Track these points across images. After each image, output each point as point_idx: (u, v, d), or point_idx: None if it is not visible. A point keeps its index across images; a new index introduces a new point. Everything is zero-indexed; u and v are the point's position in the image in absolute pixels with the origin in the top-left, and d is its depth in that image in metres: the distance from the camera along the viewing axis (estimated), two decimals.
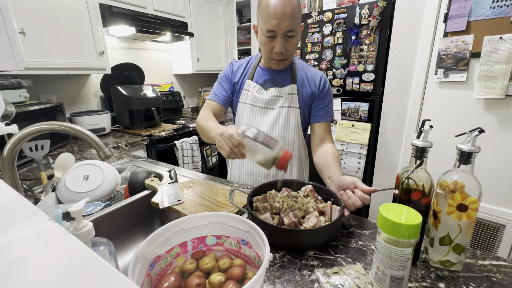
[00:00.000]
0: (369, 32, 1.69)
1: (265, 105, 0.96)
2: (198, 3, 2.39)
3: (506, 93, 1.33)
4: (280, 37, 0.82)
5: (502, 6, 1.28)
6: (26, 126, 0.64)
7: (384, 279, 0.46)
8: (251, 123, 0.97)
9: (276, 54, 0.86)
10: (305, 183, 0.77)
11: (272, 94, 0.95)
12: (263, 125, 0.97)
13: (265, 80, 0.97)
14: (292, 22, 0.80)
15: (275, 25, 0.79)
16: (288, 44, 0.85)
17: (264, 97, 0.96)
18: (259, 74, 0.99)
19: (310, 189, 0.74)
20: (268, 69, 0.98)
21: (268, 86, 0.97)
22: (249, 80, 0.98)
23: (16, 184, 0.70)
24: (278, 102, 0.95)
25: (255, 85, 0.97)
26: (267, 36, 0.83)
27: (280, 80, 0.96)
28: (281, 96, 0.95)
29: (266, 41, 0.85)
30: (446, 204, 0.50)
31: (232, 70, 1.02)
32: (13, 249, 0.22)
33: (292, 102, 0.95)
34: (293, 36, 0.83)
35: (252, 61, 1.03)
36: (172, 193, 0.78)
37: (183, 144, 1.93)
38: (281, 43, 0.83)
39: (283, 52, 0.85)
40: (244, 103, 0.99)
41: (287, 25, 0.79)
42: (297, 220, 0.60)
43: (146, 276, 0.41)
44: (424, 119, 0.52)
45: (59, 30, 1.52)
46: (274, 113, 0.96)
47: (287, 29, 0.80)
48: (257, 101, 0.97)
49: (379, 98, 1.80)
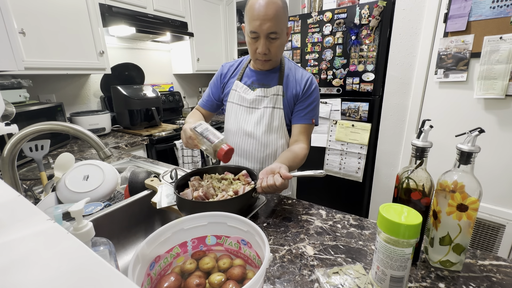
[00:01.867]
0: (369, 32, 1.69)
1: (250, 105, 0.99)
2: (198, 3, 2.39)
3: (506, 93, 1.33)
4: (263, 38, 0.84)
5: (502, 6, 1.28)
6: (26, 126, 0.64)
7: (384, 279, 0.46)
8: (237, 121, 1.02)
9: (260, 55, 0.88)
10: (242, 168, 0.84)
11: (257, 94, 0.98)
12: (248, 124, 1.00)
13: (252, 80, 1.00)
14: (275, 24, 0.82)
15: (257, 27, 0.82)
16: (272, 45, 0.87)
17: (250, 97, 0.99)
18: (247, 75, 1.02)
19: (243, 173, 0.81)
20: (256, 70, 1.00)
21: (255, 86, 0.99)
22: (237, 81, 1.02)
23: (16, 184, 0.70)
24: (263, 102, 0.98)
25: (242, 86, 1.01)
26: (251, 37, 0.86)
27: (267, 81, 0.99)
28: (266, 96, 0.97)
29: (250, 42, 0.88)
30: (446, 204, 0.50)
31: (222, 73, 1.07)
32: (13, 249, 0.22)
33: (276, 103, 0.97)
34: (277, 38, 0.85)
35: (243, 62, 1.06)
36: (171, 193, 0.78)
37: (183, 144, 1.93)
38: (264, 44, 0.85)
39: (267, 53, 0.87)
40: (231, 102, 1.03)
41: (269, 27, 0.81)
42: (204, 195, 0.69)
43: (146, 276, 0.41)
44: (424, 119, 0.52)
45: (59, 30, 1.52)
46: (259, 113, 0.98)
47: (269, 31, 0.82)
48: (243, 101, 1.00)
49: (379, 98, 1.80)
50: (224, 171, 0.86)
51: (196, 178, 0.80)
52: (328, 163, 2.06)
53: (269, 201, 0.83)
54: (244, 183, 0.78)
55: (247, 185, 0.77)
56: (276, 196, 0.86)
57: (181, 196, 0.67)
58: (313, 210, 0.77)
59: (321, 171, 0.68)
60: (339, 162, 2.01)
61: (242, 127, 1.01)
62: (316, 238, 0.65)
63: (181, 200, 0.67)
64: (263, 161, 1.03)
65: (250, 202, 0.72)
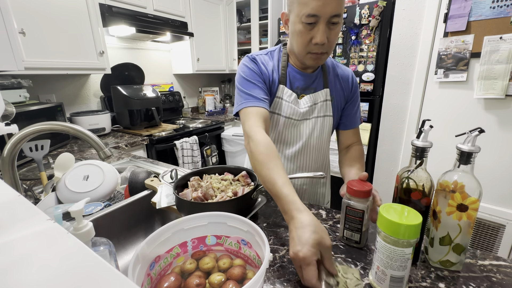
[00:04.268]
0: (369, 32, 1.69)
1: (301, 118, 0.82)
2: (198, 3, 2.39)
3: (506, 93, 1.33)
4: (323, 24, 0.66)
5: (502, 6, 1.28)
6: (26, 126, 0.64)
7: (384, 279, 0.46)
8: (284, 137, 0.84)
9: (316, 47, 0.69)
10: (241, 169, 0.81)
11: (307, 104, 0.81)
12: (298, 140, 0.84)
13: (298, 86, 0.82)
14: (339, 4, 0.65)
15: (319, 8, 0.63)
16: (331, 33, 0.69)
17: (302, 109, 0.81)
18: (293, 77, 0.82)
19: (243, 174, 0.79)
20: (299, 70, 0.82)
21: (300, 92, 0.82)
22: (282, 86, 0.80)
23: (16, 184, 0.70)
24: (314, 112, 0.82)
25: (291, 93, 0.80)
26: (305, 23, 0.66)
27: (313, 84, 0.82)
28: (316, 103, 0.82)
29: (303, 30, 0.68)
30: (446, 204, 0.50)
31: (261, 70, 0.80)
32: (13, 249, 0.22)
33: (326, 110, 0.84)
34: (338, 23, 0.68)
35: (275, 57, 0.83)
36: (171, 193, 0.78)
37: (183, 144, 1.93)
38: (324, 31, 0.67)
39: (325, 44, 0.69)
40: (278, 114, 0.82)
41: (334, 8, 0.64)
42: (203, 195, 0.68)
43: (146, 276, 0.41)
44: (424, 119, 0.52)
45: (59, 30, 1.52)
46: (310, 125, 0.83)
47: (333, 13, 0.64)
48: (294, 114, 0.81)
49: (379, 98, 1.80)
50: (223, 171, 0.86)
51: (195, 178, 0.80)
52: None
53: (269, 201, 0.83)
54: (244, 184, 0.78)
55: (247, 186, 0.77)
56: None
57: (180, 197, 0.67)
58: (313, 210, 0.77)
59: (321, 173, 0.68)
60: None
61: (288, 143, 0.86)
62: None
63: (180, 200, 0.67)
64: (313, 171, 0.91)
65: (249, 204, 0.71)
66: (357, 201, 0.57)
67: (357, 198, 0.57)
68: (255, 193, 0.71)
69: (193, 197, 0.69)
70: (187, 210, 0.66)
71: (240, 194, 0.70)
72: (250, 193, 0.69)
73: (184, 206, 0.67)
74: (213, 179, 0.79)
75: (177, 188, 0.74)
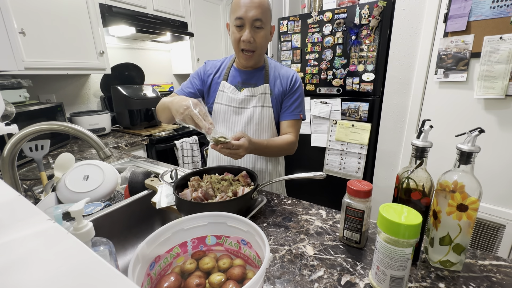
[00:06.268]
0: (369, 32, 1.69)
1: (239, 105, 0.99)
2: (198, 3, 2.39)
3: (506, 93, 1.32)
4: (248, 26, 0.85)
5: (502, 6, 1.28)
6: (26, 126, 0.64)
7: (384, 279, 0.46)
8: (226, 122, 1.01)
9: (244, 43, 0.88)
10: (241, 169, 0.83)
11: (245, 94, 0.98)
12: (237, 125, 1.00)
13: (238, 81, 1.00)
14: (260, 12, 0.84)
15: (243, 13, 0.84)
16: (257, 35, 0.88)
17: (238, 97, 0.98)
18: (233, 75, 1.01)
19: (243, 174, 0.81)
20: (241, 70, 1.00)
21: (241, 86, 1.00)
22: (224, 81, 1.01)
23: (16, 184, 0.70)
24: (252, 101, 0.98)
25: (229, 86, 1.00)
26: (235, 25, 0.87)
27: (253, 80, 0.99)
28: (254, 95, 0.98)
29: (235, 31, 0.88)
30: (446, 204, 0.50)
31: (205, 70, 1.05)
32: (13, 249, 0.22)
33: (265, 102, 0.98)
34: (261, 28, 0.87)
35: (226, 62, 1.05)
36: (171, 193, 0.78)
37: (183, 144, 1.93)
38: (249, 32, 0.86)
39: (251, 42, 0.87)
40: (219, 103, 1.01)
41: (255, 14, 0.84)
42: (203, 196, 0.69)
43: (146, 276, 0.41)
44: (424, 119, 0.52)
45: (59, 30, 1.52)
46: (248, 113, 0.98)
47: (254, 17, 0.84)
48: (231, 102, 0.99)
49: (379, 98, 1.80)
50: (224, 171, 0.86)
51: (195, 178, 0.80)
52: (328, 163, 2.06)
53: (269, 201, 0.83)
54: (244, 184, 0.78)
55: (247, 186, 0.77)
56: (276, 196, 0.86)
57: (180, 197, 0.67)
58: (313, 210, 0.77)
59: (321, 173, 0.68)
60: (339, 162, 2.01)
61: (232, 127, 1.01)
62: (316, 238, 0.65)
63: (180, 200, 0.67)
64: (255, 160, 1.03)
65: (249, 204, 0.71)
66: (357, 201, 0.57)
67: (357, 198, 0.57)
68: (255, 193, 0.71)
69: (193, 197, 0.69)
70: (187, 210, 0.66)
71: (240, 194, 0.71)
72: (250, 193, 0.69)
73: (184, 206, 0.67)
74: (213, 179, 0.79)
75: (177, 188, 0.74)
